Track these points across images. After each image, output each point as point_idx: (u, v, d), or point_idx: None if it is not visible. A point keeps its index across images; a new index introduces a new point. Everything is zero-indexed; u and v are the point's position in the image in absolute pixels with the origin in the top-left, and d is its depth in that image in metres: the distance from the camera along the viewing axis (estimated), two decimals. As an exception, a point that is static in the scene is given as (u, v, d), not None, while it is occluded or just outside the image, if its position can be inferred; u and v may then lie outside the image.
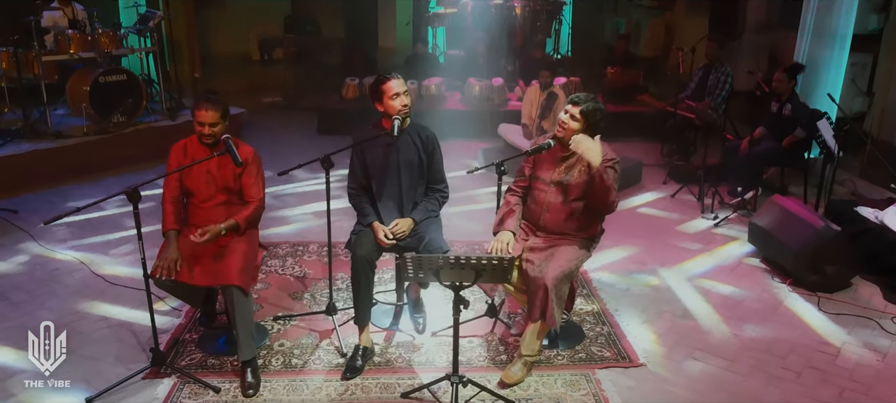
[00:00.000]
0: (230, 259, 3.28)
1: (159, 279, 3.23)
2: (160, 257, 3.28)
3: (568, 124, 3.32)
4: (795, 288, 4.48)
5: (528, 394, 3.34)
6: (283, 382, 3.39)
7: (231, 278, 3.22)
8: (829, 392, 3.42)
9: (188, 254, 3.30)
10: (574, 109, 3.30)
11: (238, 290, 3.23)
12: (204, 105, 3.25)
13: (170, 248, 3.28)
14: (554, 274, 3.27)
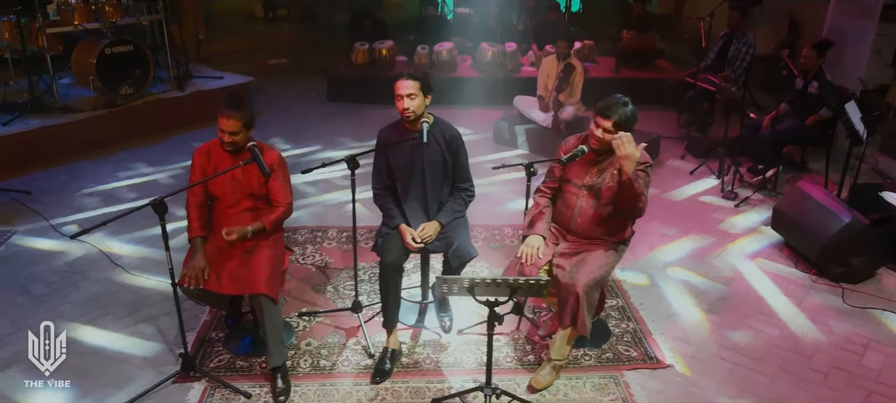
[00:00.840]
0: (257, 267, 3.24)
1: (187, 288, 3.20)
2: (187, 266, 3.24)
3: (603, 138, 3.22)
4: (819, 278, 4.46)
5: (557, 398, 3.36)
6: (313, 386, 3.40)
7: (259, 287, 3.19)
8: (857, 396, 3.43)
9: (215, 262, 3.26)
10: (606, 123, 3.20)
11: (267, 298, 3.20)
12: (226, 113, 3.14)
13: (197, 256, 3.23)
14: (585, 282, 3.23)
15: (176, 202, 3.34)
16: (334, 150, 6.59)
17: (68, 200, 5.41)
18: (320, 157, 6.44)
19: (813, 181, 5.96)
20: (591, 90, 6.63)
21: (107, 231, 4.86)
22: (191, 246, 3.31)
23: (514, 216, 5.25)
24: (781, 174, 5.92)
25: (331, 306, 4.08)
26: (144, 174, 5.97)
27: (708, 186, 5.92)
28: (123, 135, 6.52)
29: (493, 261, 4.61)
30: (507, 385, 3.42)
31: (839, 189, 5.29)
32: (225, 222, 3.36)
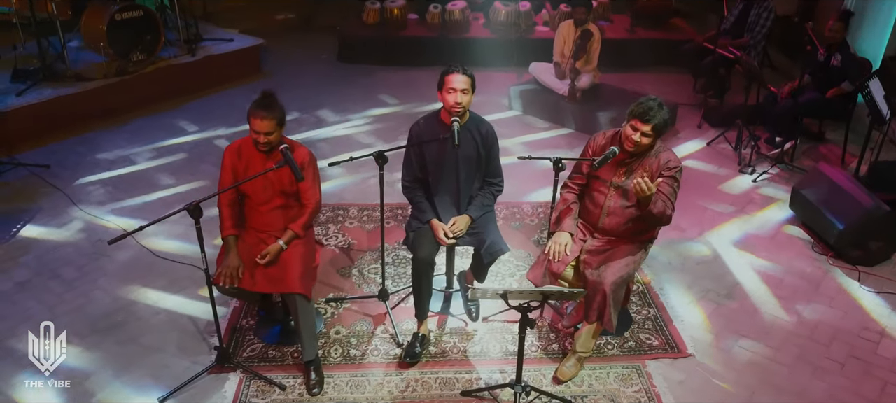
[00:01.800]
0: (290, 265, 3.29)
1: (222, 287, 3.25)
2: (221, 264, 3.29)
3: (641, 142, 3.20)
4: (836, 261, 4.52)
5: (582, 391, 3.47)
6: (344, 377, 3.51)
7: (293, 286, 3.25)
8: (872, 387, 3.54)
9: (248, 260, 3.31)
10: (645, 127, 3.17)
11: (301, 297, 3.27)
12: (260, 114, 3.13)
13: (230, 255, 3.28)
14: (612, 279, 3.29)
15: (196, 162, 3.34)
16: (350, 119, 6.56)
17: (87, 174, 5.42)
18: (335, 127, 6.42)
19: (830, 153, 5.99)
20: (606, 52, 6.56)
21: (132, 214, 4.90)
22: (224, 243, 3.35)
23: (537, 180, 5.28)
24: (799, 145, 5.92)
25: (357, 291, 4.15)
26: (161, 145, 5.96)
27: (725, 159, 5.91)
28: (136, 103, 6.47)
29: (515, 242, 4.66)
30: (533, 376, 3.54)
31: (858, 165, 5.30)
32: (256, 219, 3.40)
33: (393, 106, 6.90)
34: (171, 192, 5.20)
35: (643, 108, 3.18)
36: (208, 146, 5.97)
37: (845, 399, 3.46)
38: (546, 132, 6.43)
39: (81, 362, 3.57)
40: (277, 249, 3.29)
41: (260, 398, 3.37)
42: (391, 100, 7.03)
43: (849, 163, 5.73)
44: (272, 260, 3.28)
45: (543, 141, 6.26)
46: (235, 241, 3.34)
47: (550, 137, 6.33)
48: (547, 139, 6.30)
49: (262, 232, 3.39)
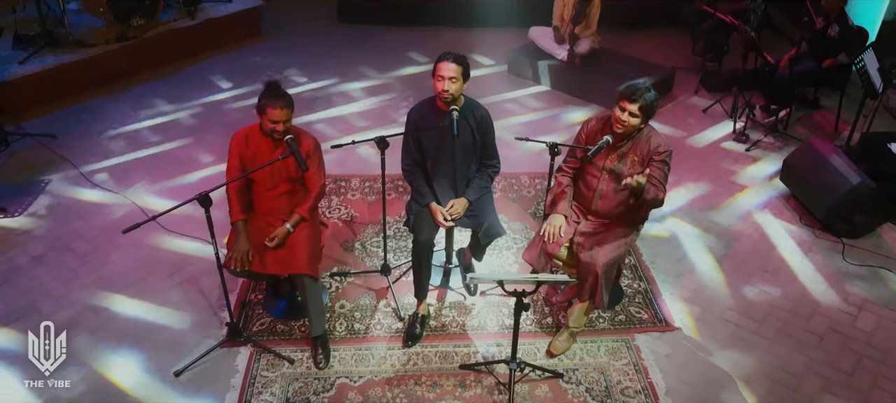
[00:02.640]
0: (298, 248, 3.44)
1: (234, 270, 3.41)
2: (232, 248, 3.43)
3: (628, 122, 3.31)
4: (822, 233, 4.67)
5: (574, 364, 3.67)
6: (349, 350, 3.71)
7: (301, 267, 3.41)
8: (849, 360, 3.74)
9: (257, 243, 3.46)
10: (632, 107, 3.27)
11: (309, 278, 3.43)
12: (277, 104, 3.23)
13: (240, 239, 3.42)
14: (604, 261, 3.45)
15: (201, 131, 3.45)
16: (352, 82, 6.62)
17: (94, 144, 5.53)
18: (338, 91, 6.49)
19: (824, 120, 6.08)
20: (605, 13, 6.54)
21: (138, 182, 5.03)
22: (233, 228, 3.49)
23: (532, 163, 5.39)
24: (793, 112, 6.00)
25: (360, 265, 4.32)
26: (165, 112, 6.04)
27: (720, 127, 6.00)
28: (138, 68, 6.53)
29: (512, 214, 4.81)
30: (528, 349, 3.74)
31: (850, 134, 5.41)
32: (263, 204, 3.54)
33: (395, 69, 6.94)
34: (178, 164, 5.31)
35: (631, 89, 3.28)
36: (211, 113, 6.06)
37: (822, 371, 3.67)
38: (543, 99, 6.49)
39: (102, 336, 3.76)
40: (285, 232, 3.44)
41: (270, 371, 3.58)
42: (392, 62, 7.06)
43: (842, 130, 5.83)
44: (280, 242, 3.43)
45: (540, 108, 6.33)
46: (244, 226, 3.47)
47: (548, 103, 6.40)
48: (545, 105, 6.37)
49: (270, 216, 3.53)
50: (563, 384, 3.54)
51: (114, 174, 5.16)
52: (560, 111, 6.26)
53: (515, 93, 6.54)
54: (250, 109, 6.12)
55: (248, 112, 6.05)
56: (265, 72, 6.75)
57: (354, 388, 3.49)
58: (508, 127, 5.91)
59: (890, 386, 3.58)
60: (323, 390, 3.48)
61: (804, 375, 3.64)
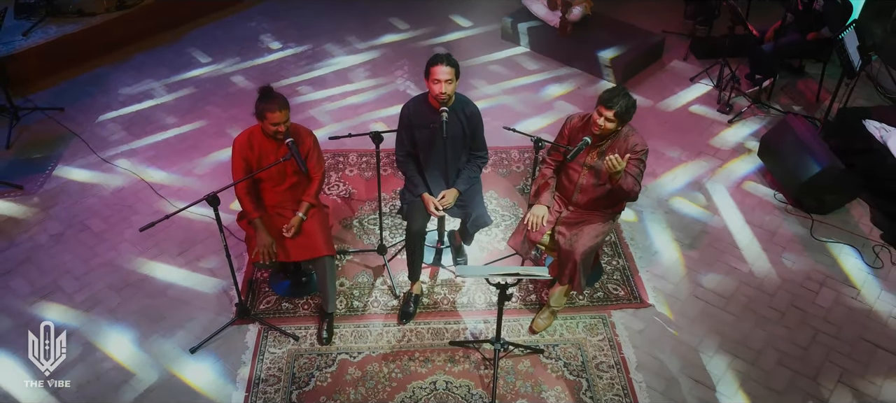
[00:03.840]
0: (314, 232, 3.74)
1: (262, 263, 3.70)
2: (256, 244, 3.70)
3: (605, 126, 3.54)
4: (794, 209, 4.95)
5: (554, 340, 4.03)
6: (349, 327, 4.05)
7: (321, 250, 3.73)
8: (805, 335, 4.09)
9: (277, 236, 3.74)
10: (608, 113, 3.50)
11: (329, 258, 3.75)
12: (273, 107, 3.45)
13: (261, 235, 3.69)
14: (582, 250, 3.75)
15: (202, 102, 3.67)
16: (350, 49, 6.77)
17: (101, 117, 5.74)
18: (337, 59, 6.63)
19: (807, 89, 6.26)
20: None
21: (147, 160, 5.28)
22: (252, 226, 3.73)
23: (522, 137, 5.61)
24: (778, 81, 6.17)
25: (358, 243, 4.63)
26: (167, 83, 6.21)
27: (705, 97, 6.19)
28: (138, 36, 6.66)
29: (501, 190, 5.08)
30: (512, 326, 4.09)
31: (828, 108, 5.61)
32: (271, 198, 3.82)
33: (392, 34, 7.06)
34: (183, 138, 5.55)
35: (608, 96, 3.51)
36: (212, 83, 6.23)
37: (780, 346, 4.02)
38: (537, 69, 6.64)
39: (122, 314, 4.10)
40: (299, 221, 3.72)
41: (276, 347, 3.93)
42: (391, 27, 7.16)
43: (823, 100, 6.02)
44: (296, 231, 3.71)
45: (533, 76, 6.50)
46: (262, 222, 3.73)
47: (540, 70, 6.56)
48: (537, 73, 6.53)
49: (279, 208, 3.81)
50: (543, 359, 3.90)
51: (122, 149, 5.40)
52: (549, 77, 6.43)
53: (503, 55, 6.70)
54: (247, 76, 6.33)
55: (244, 79, 6.24)
56: (261, 38, 6.89)
57: (354, 364, 3.86)
58: (497, 95, 6.11)
59: (840, 360, 3.94)
60: (325, 365, 3.84)
61: (762, 349, 4.00)
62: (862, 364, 3.91)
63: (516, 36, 6.89)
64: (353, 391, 3.72)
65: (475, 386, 3.76)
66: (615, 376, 3.83)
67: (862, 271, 4.50)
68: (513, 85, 6.32)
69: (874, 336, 4.08)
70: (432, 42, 6.86)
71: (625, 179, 3.54)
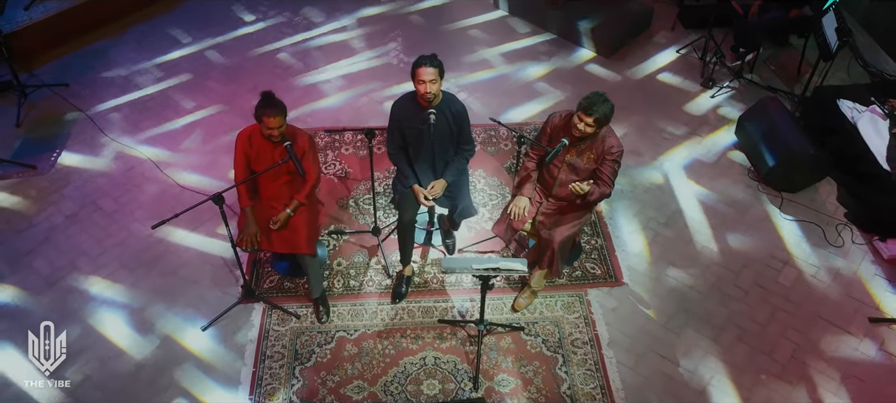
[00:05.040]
0: (299, 230, 4.04)
1: (245, 248, 4.04)
2: (242, 231, 4.03)
3: (585, 130, 3.79)
4: (765, 187, 5.24)
5: (534, 317, 4.39)
6: (346, 306, 4.41)
7: (302, 248, 4.03)
8: (765, 313, 4.45)
9: (263, 225, 4.05)
10: (589, 119, 3.74)
11: (308, 256, 4.07)
12: (270, 112, 3.70)
13: (249, 224, 4.01)
14: (560, 239, 4.06)
15: (201, 79, 3.88)
16: (338, 21, 6.90)
17: (105, 94, 5.95)
18: (324, 32, 6.78)
19: (790, 62, 6.44)
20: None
21: (151, 138, 5.53)
22: (243, 213, 4.06)
23: (511, 115, 5.86)
24: (762, 52, 6.35)
25: (353, 223, 4.94)
26: (167, 57, 6.39)
27: (690, 69, 6.38)
28: (134, 6, 6.80)
29: (489, 169, 5.36)
30: (496, 304, 4.45)
31: (807, 84, 5.81)
32: (267, 191, 4.10)
33: (382, 5, 7.17)
34: (185, 114, 5.79)
35: (588, 103, 3.75)
36: (209, 58, 6.41)
37: (741, 323, 4.39)
38: (528, 38, 6.80)
39: (136, 294, 4.45)
40: (286, 216, 4.02)
41: (280, 325, 4.30)
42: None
43: (804, 72, 6.21)
44: (282, 225, 4.02)
45: (525, 46, 6.66)
46: (252, 212, 4.05)
47: (532, 43, 6.72)
48: (528, 44, 6.70)
49: (273, 201, 4.09)
50: (523, 336, 4.27)
51: (127, 127, 5.64)
52: (538, 46, 6.60)
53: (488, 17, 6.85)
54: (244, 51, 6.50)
55: (242, 55, 6.42)
56: (258, 7, 7.02)
57: (351, 340, 4.24)
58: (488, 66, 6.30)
59: (794, 336, 4.31)
60: (325, 342, 4.22)
61: (724, 326, 4.36)
62: (814, 341, 4.29)
63: (509, 5, 7.01)
64: (350, 366, 4.11)
65: (461, 362, 4.14)
66: (588, 352, 4.21)
67: (823, 250, 4.83)
68: (501, 50, 6.50)
69: (829, 313, 4.44)
70: (419, 7, 7.02)
71: (592, 194, 3.85)
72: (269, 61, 6.40)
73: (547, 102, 6.00)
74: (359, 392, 3.99)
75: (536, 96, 6.09)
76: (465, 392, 3.99)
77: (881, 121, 5.13)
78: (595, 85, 6.15)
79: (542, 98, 6.05)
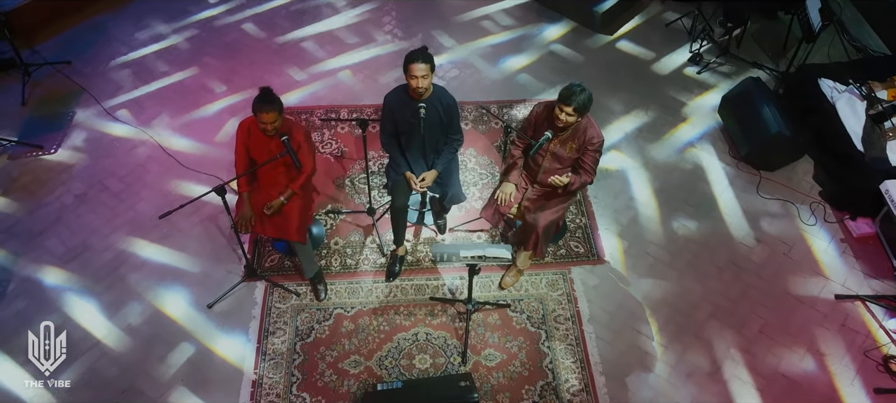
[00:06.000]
0: (290, 217, 4.27)
1: (240, 231, 4.29)
2: (238, 214, 4.28)
3: (566, 120, 3.99)
4: (744, 165, 5.45)
5: (520, 295, 4.67)
6: (343, 284, 4.69)
7: (292, 235, 4.28)
8: (737, 289, 4.73)
9: (258, 209, 4.29)
10: (568, 109, 3.93)
11: (298, 243, 4.33)
12: (265, 108, 3.89)
13: (245, 207, 4.26)
14: (544, 223, 4.31)
15: (198, 54, 4.08)
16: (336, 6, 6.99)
17: (106, 70, 6.11)
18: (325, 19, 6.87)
19: (778, 34, 6.56)
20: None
21: (154, 118, 5.71)
22: (239, 197, 4.30)
23: (501, 91, 6.02)
24: (750, 26, 6.46)
25: (349, 202, 5.17)
26: (165, 31, 6.52)
27: (677, 45, 6.51)
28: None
29: (480, 147, 5.56)
30: (484, 282, 4.72)
31: (789, 64, 5.96)
32: (265, 178, 4.32)
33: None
34: (186, 93, 5.95)
35: (567, 94, 3.93)
36: (207, 32, 6.53)
37: (714, 300, 4.67)
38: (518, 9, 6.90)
39: (147, 272, 4.72)
40: (279, 204, 4.25)
41: (281, 303, 4.59)
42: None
43: (790, 46, 6.34)
44: (275, 211, 4.26)
45: (510, 14, 6.77)
46: (248, 197, 4.28)
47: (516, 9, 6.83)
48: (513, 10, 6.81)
49: (270, 188, 4.31)
50: (509, 312, 4.56)
51: (130, 106, 5.81)
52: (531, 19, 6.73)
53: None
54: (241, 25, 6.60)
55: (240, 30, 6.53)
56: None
57: (348, 317, 4.53)
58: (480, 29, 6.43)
59: (762, 313, 4.60)
60: (324, 319, 4.52)
61: (699, 303, 4.65)
62: (782, 317, 4.58)
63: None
64: (347, 342, 4.41)
65: (451, 337, 4.44)
66: (570, 327, 4.51)
67: (797, 228, 5.08)
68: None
69: (798, 290, 4.72)
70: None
71: (573, 184, 4.08)
72: (266, 35, 6.52)
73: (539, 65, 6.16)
74: (355, 367, 4.30)
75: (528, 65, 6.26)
76: (455, 366, 4.30)
77: (859, 102, 5.31)
78: (583, 56, 6.31)
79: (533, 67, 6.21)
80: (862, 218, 5.03)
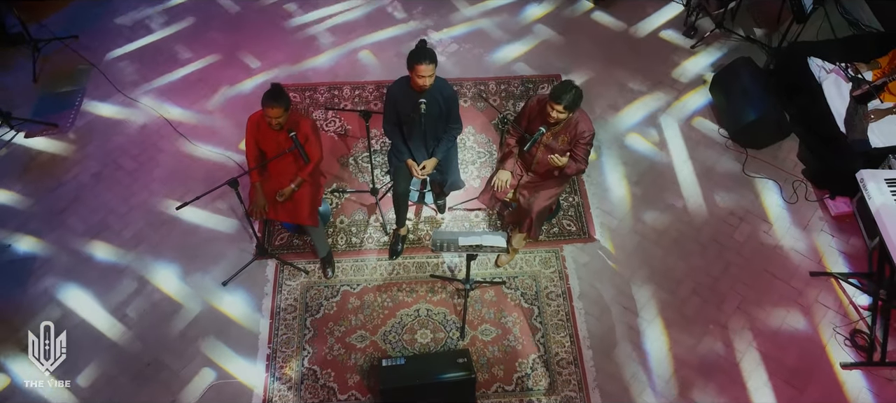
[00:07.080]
0: (302, 203, 4.54)
1: (253, 216, 4.57)
2: (252, 202, 4.54)
3: (558, 117, 4.20)
4: (732, 144, 5.67)
5: (515, 272, 4.98)
6: (349, 262, 5.00)
7: (303, 220, 4.55)
8: (719, 266, 5.03)
9: (270, 196, 4.55)
10: (558, 107, 4.13)
11: (310, 227, 4.61)
12: (271, 104, 4.10)
13: (258, 195, 4.51)
14: (538, 208, 4.58)
15: (203, 30, 4.30)
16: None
17: (113, 43, 6.25)
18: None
19: (771, 11, 6.66)
20: None
21: (162, 94, 5.89)
22: (253, 187, 4.55)
23: (500, 68, 6.18)
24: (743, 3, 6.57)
25: (353, 180, 5.43)
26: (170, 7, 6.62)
27: (673, 18, 6.61)
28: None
29: (478, 125, 5.77)
30: (481, 260, 5.02)
31: (783, 38, 6.10)
32: (274, 167, 4.56)
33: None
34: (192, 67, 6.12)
35: (558, 92, 4.13)
36: (211, 4, 6.62)
37: (696, 277, 4.98)
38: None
39: (163, 251, 5.01)
40: (290, 191, 4.50)
41: (291, 280, 4.90)
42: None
43: (784, 19, 6.45)
44: (287, 198, 4.52)
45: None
46: (261, 186, 4.53)
47: None
48: None
49: (280, 177, 4.56)
50: (505, 289, 4.89)
51: (138, 81, 5.98)
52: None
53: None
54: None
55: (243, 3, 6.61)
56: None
57: (354, 294, 4.86)
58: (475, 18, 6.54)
59: (741, 289, 4.92)
60: (331, 296, 4.84)
61: (682, 280, 4.96)
62: (759, 293, 4.90)
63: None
64: (353, 317, 4.75)
65: (450, 313, 4.78)
66: (561, 304, 4.84)
67: (778, 206, 5.35)
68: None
69: (775, 267, 5.03)
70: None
71: (568, 168, 4.31)
72: (271, 8, 6.61)
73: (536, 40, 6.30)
74: (362, 341, 4.65)
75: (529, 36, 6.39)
76: (454, 341, 4.65)
77: (844, 83, 5.48)
78: (585, 30, 6.44)
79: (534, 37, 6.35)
80: (841, 198, 5.29)
